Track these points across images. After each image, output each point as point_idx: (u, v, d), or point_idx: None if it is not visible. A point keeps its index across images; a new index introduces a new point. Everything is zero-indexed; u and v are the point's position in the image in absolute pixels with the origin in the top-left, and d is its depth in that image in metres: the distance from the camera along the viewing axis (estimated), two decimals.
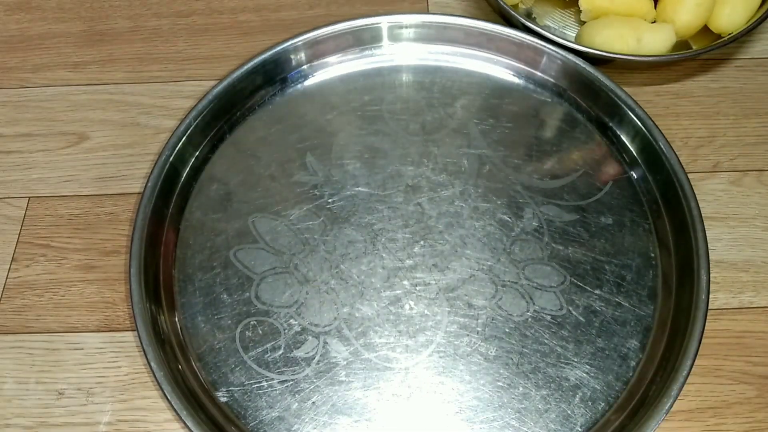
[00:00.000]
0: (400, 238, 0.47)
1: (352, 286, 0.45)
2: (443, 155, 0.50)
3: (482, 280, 0.45)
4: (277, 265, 0.46)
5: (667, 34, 0.51)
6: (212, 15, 0.60)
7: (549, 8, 0.58)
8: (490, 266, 0.46)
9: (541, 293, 0.45)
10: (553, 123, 0.52)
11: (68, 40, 0.59)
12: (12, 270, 0.48)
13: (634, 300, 0.44)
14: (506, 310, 0.44)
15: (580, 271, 0.45)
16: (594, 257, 0.46)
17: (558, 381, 0.42)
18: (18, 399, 0.43)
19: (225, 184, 0.50)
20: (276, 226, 0.48)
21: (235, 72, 0.52)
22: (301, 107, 0.53)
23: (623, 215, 0.47)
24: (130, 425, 0.42)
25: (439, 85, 0.54)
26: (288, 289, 0.45)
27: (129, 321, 0.46)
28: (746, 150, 0.51)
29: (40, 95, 0.56)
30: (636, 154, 0.50)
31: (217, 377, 0.43)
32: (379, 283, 0.45)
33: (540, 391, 0.41)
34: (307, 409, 0.41)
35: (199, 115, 0.50)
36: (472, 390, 0.41)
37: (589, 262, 0.46)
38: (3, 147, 0.54)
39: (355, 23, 0.54)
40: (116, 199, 0.51)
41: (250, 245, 0.47)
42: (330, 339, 0.43)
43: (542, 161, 0.50)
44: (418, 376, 0.42)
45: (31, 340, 0.45)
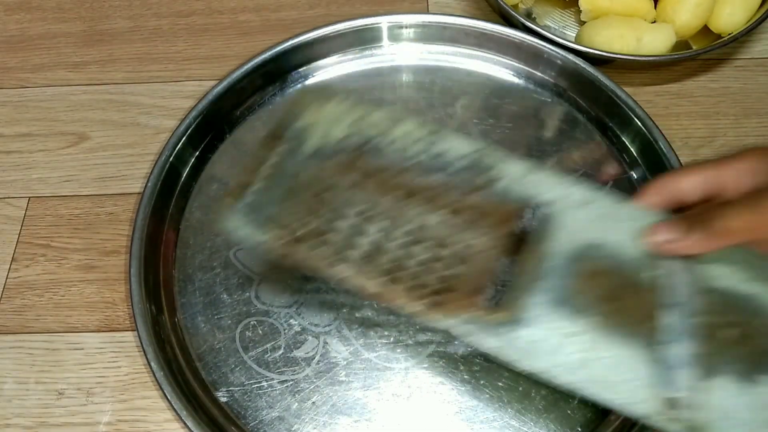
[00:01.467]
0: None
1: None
2: None
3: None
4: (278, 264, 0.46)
5: (667, 34, 0.51)
6: (212, 15, 0.60)
7: (549, 8, 0.58)
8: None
9: None
10: (553, 123, 0.52)
11: (68, 40, 0.59)
12: (12, 270, 0.48)
13: None
14: None
15: None
16: None
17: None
18: (18, 399, 0.43)
19: (225, 184, 0.50)
20: None
21: (235, 72, 0.52)
22: None
23: None
24: (130, 425, 0.42)
25: (439, 85, 0.54)
26: (288, 289, 0.45)
27: (129, 321, 0.46)
28: None
29: (40, 95, 0.56)
30: (636, 154, 0.50)
31: (217, 377, 0.43)
32: None
33: (540, 391, 0.41)
34: (307, 409, 0.41)
35: (199, 115, 0.50)
36: (472, 390, 0.41)
37: None
38: (3, 147, 0.54)
39: (355, 23, 0.54)
40: (116, 199, 0.51)
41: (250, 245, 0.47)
42: (330, 339, 0.43)
43: (542, 161, 0.50)
44: (418, 376, 0.42)
45: (31, 340, 0.45)
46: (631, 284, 0.35)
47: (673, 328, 0.34)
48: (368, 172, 0.37)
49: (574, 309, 0.35)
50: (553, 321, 0.34)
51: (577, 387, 0.33)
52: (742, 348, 0.33)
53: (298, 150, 0.38)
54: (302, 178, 0.37)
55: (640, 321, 0.34)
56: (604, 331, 0.34)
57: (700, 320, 0.34)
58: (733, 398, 0.32)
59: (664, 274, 0.35)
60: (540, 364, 0.34)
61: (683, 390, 0.33)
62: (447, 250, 0.36)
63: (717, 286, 0.35)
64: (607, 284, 0.35)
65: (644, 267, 0.35)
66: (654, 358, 0.33)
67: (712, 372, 0.33)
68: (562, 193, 0.37)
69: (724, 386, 0.33)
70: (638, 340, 0.34)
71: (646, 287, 0.35)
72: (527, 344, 0.34)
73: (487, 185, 0.37)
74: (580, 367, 0.34)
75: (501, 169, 0.37)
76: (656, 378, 0.33)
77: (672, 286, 0.35)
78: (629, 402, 0.33)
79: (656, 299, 0.35)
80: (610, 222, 0.36)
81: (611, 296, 0.35)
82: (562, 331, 0.34)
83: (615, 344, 0.34)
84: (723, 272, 0.35)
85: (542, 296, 0.35)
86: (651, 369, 0.33)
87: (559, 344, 0.34)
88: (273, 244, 0.35)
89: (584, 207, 0.37)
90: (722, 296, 0.35)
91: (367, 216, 0.36)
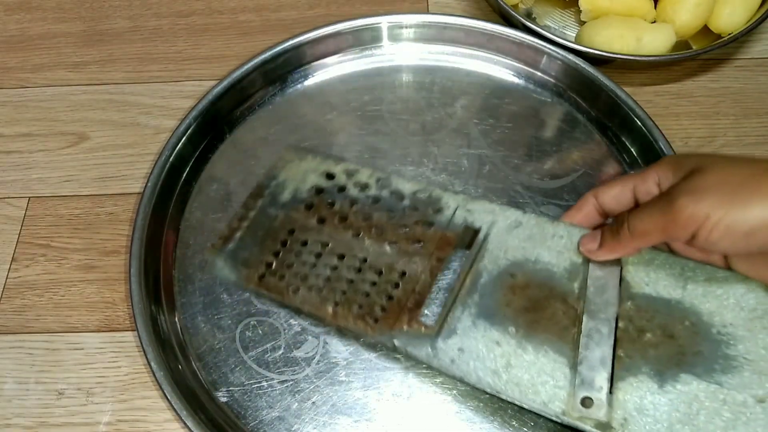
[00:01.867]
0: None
1: None
2: (443, 155, 0.50)
3: None
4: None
5: (667, 34, 0.51)
6: (212, 15, 0.60)
7: (549, 8, 0.58)
8: None
9: None
10: (553, 123, 0.52)
11: (68, 40, 0.59)
12: (12, 270, 0.48)
13: None
14: None
15: None
16: None
17: None
18: (18, 399, 0.43)
19: (225, 184, 0.50)
20: None
21: (235, 72, 0.52)
22: (300, 107, 0.53)
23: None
24: (130, 425, 0.42)
25: (439, 85, 0.54)
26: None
27: (129, 321, 0.46)
28: (746, 150, 0.51)
29: (40, 95, 0.56)
30: (636, 154, 0.50)
31: (217, 377, 0.43)
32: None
33: None
34: (307, 409, 0.41)
35: (199, 115, 0.50)
36: (472, 390, 0.41)
37: None
38: (3, 147, 0.54)
39: (355, 23, 0.54)
40: (116, 199, 0.51)
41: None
42: (330, 339, 0.43)
43: (542, 161, 0.50)
44: (418, 376, 0.42)
45: (31, 340, 0.45)
46: (558, 294, 0.39)
47: (594, 332, 0.37)
48: (327, 215, 0.44)
49: (501, 319, 0.38)
50: (480, 330, 0.38)
51: (501, 390, 0.37)
52: (664, 349, 0.36)
53: (274, 202, 0.45)
54: (275, 224, 0.44)
55: (564, 327, 0.38)
56: (529, 337, 0.38)
57: (622, 324, 0.37)
58: (652, 396, 0.35)
59: (591, 284, 0.38)
60: (467, 369, 0.38)
61: (598, 390, 0.35)
62: (390, 276, 0.41)
63: (642, 292, 0.38)
64: (535, 295, 0.39)
65: (571, 278, 0.39)
66: (574, 361, 0.36)
67: (632, 372, 0.36)
68: (495, 218, 0.42)
69: (644, 386, 0.35)
70: (560, 344, 0.37)
71: (572, 297, 0.39)
72: (455, 352, 0.38)
73: (430, 217, 0.43)
74: (504, 371, 0.37)
75: (442, 202, 0.43)
76: (574, 379, 0.36)
77: (597, 294, 0.38)
78: (547, 402, 0.36)
79: (581, 307, 0.38)
80: (538, 240, 0.40)
81: (537, 306, 0.39)
82: (488, 339, 0.38)
83: (537, 349, 0.37)
84: (649, 278, 0.38)
85: (471, 309, 0.39)
86: (570, 371, 0.36)
87: (485, 351, 0.38)
88: (245, 282, 0.43)
89: (515, 229, 0.41)
90: (647, 301, 0.38)
91: (323, 251, 0.43)
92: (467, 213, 0.42)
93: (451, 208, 0.43)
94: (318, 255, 0.43)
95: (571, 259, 0.39)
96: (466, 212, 0.42)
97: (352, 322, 0.40)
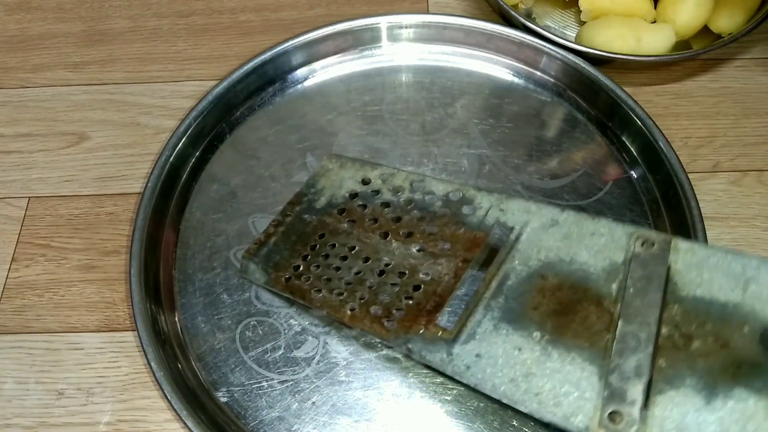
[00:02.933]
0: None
1: None
2: (443, 155, 0.50)
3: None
4: None
5: (667, 34, 0.51)
6: (212, 15, 0.60)
7: (549, 8, 0.58)
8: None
9: None
10: (553, 123, 0.52)
11: (68, 40, 0.59)
12: (12, 270, 0.48)
13: None
14: None
15: None
16: None
17: None
18: (18, 399, 0.43)
19: (225, 184, 0.50)
20: None
21: (235, 72, 0.52)
22: (301, 107, 0.53)
23: (623, 215, 0.47)
24: (130, 425, 0.42)
25: (439, 85, 0.54)
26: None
27: (129, 321, 0.46)
28: (746, 150, 0.51)
29: (40, 95, 0.56)
30: (636, 154, 0.50)
31: (217, 377, 0.43)
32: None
33: None
34: (307, 409, 0.41)
35: (199, 115, 0.50)
36: (472, 390, 0.41)
37: None
38: (3, 147, 0.54)
39: (355, 23, 0.54)
40: (116, 199, 0.51)
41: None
42: (330, 339, 0.43)
43: (542, 161, 0.50)
44: (418, 376, 0.42)
45: (31, 340, 0.45)
46: (592, 297, 0.35)
47: (630, 338, 0.33)
48: (358, 218, 0.44)
49: (526, 323, 0.35)
50: (501, 335, 0.35)
51: (518, 401, 0.33)
52: (716, 359, 0.32)
53: (310, 208, 0.46)
54: (307, 229, 0.45)
55: (596, 332, 0.34)
56: (555, 343, 0.34)
57: (666, 330, 0.33)
58: (697, 413, 0.31)
59: (630, 284, 0.34)
60: (482, 377, 0.35)
61: (630, 404, 0.31)
62: (412, 278, 0.40)
63: (692, 295, 0.34)
64: (566, 298, 0.35)
65: (609, 279, 0.35)
66: (605, 370, 0.32)
67: (674, 385, 0.31)
68: (530, 218, 0.39)
69: (688, 401, 0.31)
70: (590, 351, 0.33)
71: (608, 299, 0.35)
72: (472, 359, 0.35)
73: (461, 217, 0.41)
74: (523, 380, 0.34)
75: (475, 202, 0.41)
76: (604, 391, 0.32)
77: (637, 296, 0.34)
78: (569, 416, 0.32)
79: (618, 310, 0.34)
80: (575, 239, 0.37)
81: (568, 309, 0.35)
82: (509, 345, 0.35)
83: (563, 356, 0.34)
84: (702, 279, 0.34)
85: (494, 312, 0.36)
86: (599, 381, 0.32)
87: (505, 357, 0.35)
88: (273, 284, 0.43)
89: (551, 227, 0.38)
90: (697, 304, 0.33)
91: (349, 255, 0.43)
92: (500, 213, 0.40)
93: (484, 208, 0.41)
94: (344, 258, 0.43)
95: (611, 259, 0.36)
96: (499, 212, 0.40)
97: (368, 325, 0.39)
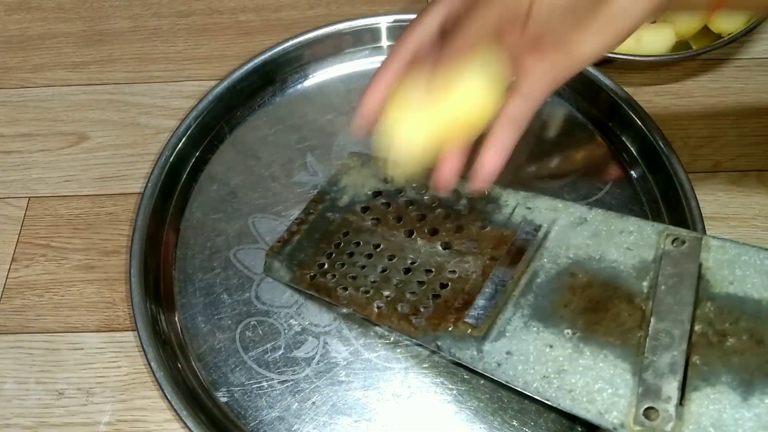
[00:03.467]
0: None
1: None
2: None
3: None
4: None
5: (667, 34, 0.51)
6: (212, 15, 0.60)
7: None
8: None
9: None
10: (553, 123, 0.52)
11: (68, 40, 0.59)
12: (12, 270, 0.48)
13: None
14: None
15: None
16: None
17: None
18: (18, 399, 0.43)
19: (225, 184, 0.50)
20: (276, 227, 0.48)
21: (235, 72, 0.52)
22: (301, 107, 0.53)
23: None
24: (130, 425, 0.42)
25: None
26: (288, 289, 0.45)
27: (129, 321, 0.45)
28: (746, 150, 0.51)
29: (40, 95, 0.56)
30: (636, 154, 0.49)
31: (217, 377, 0.43)
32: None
33: None
34: (307, 409, 0.41)
35: (199, 115, 0.50)
36: (472, 390, 0.41)
37: None
38: (3, 147, 0.54)
39: (355, 23, 0.54)
40: (116, 199, 0.51)
41: (250, 245, 0.47)
42: (330, 339, 0.43)
43: (542, 161, 0.50)
44: (418, 376, 0.42)
45: (31, 340, 0.45)
46: (623, 294, 0.35)
47: (663, 335, 0.33)
48: (382, 216, 0.44)
49: (557, 321, 0.35)
50: (532, 333, 0.35)
51: (551, 398, 0.33)
52: (751, 356, 0.31)
53: (334, 206, 0.46)
54: (331, 227, 0.45)
55: (628, 329, 0.34)
56: (587, 340, 0.34)
57: (699, 328, 0.33)
58: (733, 410, 0.30)
59: (662, 282, 0.34)
60: (513, 374, 0.35)
61: (665, 400, 0.31)
62: (439, 275, 0.40)
63: (725, 292, 0.33)
64: (597, 295, 0.36)
65: (640, 277, 0.35)
66: (638, 367, 0.33)
67: (710, 382, 0.31)
68: (558, 216, 0.39)
69: (724, 398, 0.31)
70: (623, 348, 0.33)
71: (640, 297, 0.35)
72: (502, 356, 0.35)
73: (486, 215, 0.41)
74: (555, 377, 0.34)
75: (501, 200, 0.42)
76: (637, 388, 0.32)
77: (669, 294, 0.34)
78: (603, 412, 0.32)
79: (649, 308, 0.34)
80: (604, 237, 0.37)
81: (599, 307, 0.35)
82: (540, 342, 0.35)
83: (596, 353, 0.34)
84: (734, 276, 0.34)
85: (524, 310, 0.36)
86: (633, 378, 0.32)
87: (536, 355, 0.35)
88: (298, 281, 0.44)
89: (579, 226, 0.39)
90: (731, 302, 0.33)
91: (374, 252, 0.43)
92: (527, 211, 0.40)
93: (510, 205, 0.41)
94: (369, 256, 0.43)
95: (641, 256, 0.36)
96: (526, 210, 0.41)
97: (396, 323, 0.40)
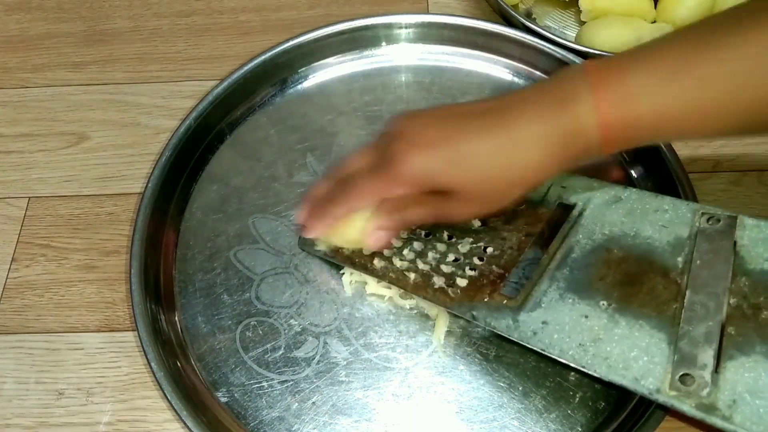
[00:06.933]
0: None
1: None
2: None
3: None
4: (278, 265, 0.46)
5: None
6: (212, 15, 0.60)
7: (549, 8, 0.58)
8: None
9: None
10: None
11: (68, 40, 0.59)
12: (12, 270, 0.48)
13: None
14: None
15: None
16: None
17: (558, 381, 0.41)
18: (18, 399, 0.43)
19: (225, 184, 0.50)
20: (276, 227, 0.48)
21: (235, 72, 0.52)
22: (301, 108, 0.53)
23: None
24: (130, 425, 0.42)
25: (439, 85, 0.54)
26: (288, 289, 0.45)
27: (129, 321, 0.45)
28: (746, 150, 0.51)
29: (40, 95, 0.56)
30: (636, 153, 0.49)
31: (217, 377, 0.43)
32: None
33: (540, 390, 0.41)
34: (307, 409, 0.41)
35: (199, 116, 0.50)
36: (472, 390, 0.41)
37: None
38: (3, 147, 0.54)
39: (355, 23, 0.54)
40: (116, 199, 0.51)
41: (250, 246, 0.47)
42: (330, 339, 0.43)
43: None
44: (418, 376, 0.42)
45: (31, 340, 0.45)
46: (658, 269, 0.37)
47: (699, 306, 0.34)
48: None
49: (593, 293, 0.37)
50: (568, 304, 0.37)
51: (587, 364, 0.35)
52: None
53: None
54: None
55: (664, 301, 0.35)
56: (622, 311, 0.36)
57: (734, 301, 0.34)
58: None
59: (697, 257, 0.36)
60: (549, 342, 0.36)
61: (701, 367, 0.32)
62: (476, 250, 0.41)
63: (760, 268, 0.35)
64: (632, 270, 0.37)
65: (675, 252, 0.37)
66: (674, 337, 0.34)
67: (745, 352, 0.33)
68: (593, 194, 0.41)
69: (759, 366, 0.32)
70: (658, 319, 0.35)
71: (675, 271, 0.36)
72: (538, 325, 0.37)
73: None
74: (591, 345, 0.35)
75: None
76: (672, 356, 0.33)
77: (704, 268, 0.36)
78: (639, 378, 0.33)
79: (685, 281, 0.36)
80: (639, 215, 0.39)
81: (634, 280, 0.37)
82: (576, 313, 0.36)
83: (631, 323, 0.35)
84: (765, 254, 0.36)
85: (560, 283, 0.38)
86: (668, 347, 0.34)
87: (572, 324, 0.36)
88: (334, 254, 0.44)
89: (614, 204, 0.40)
90: (764, 277, 0.35)
91: (410, 229, 0.43)
92: (562, 190, 0.42)
93: (546, 185, 0.42)
94: (405, 233, 0.43)
95: (676, 233, 0.38)
96: (561, 189, 0.42)
97: (431, 294, 0.40)
